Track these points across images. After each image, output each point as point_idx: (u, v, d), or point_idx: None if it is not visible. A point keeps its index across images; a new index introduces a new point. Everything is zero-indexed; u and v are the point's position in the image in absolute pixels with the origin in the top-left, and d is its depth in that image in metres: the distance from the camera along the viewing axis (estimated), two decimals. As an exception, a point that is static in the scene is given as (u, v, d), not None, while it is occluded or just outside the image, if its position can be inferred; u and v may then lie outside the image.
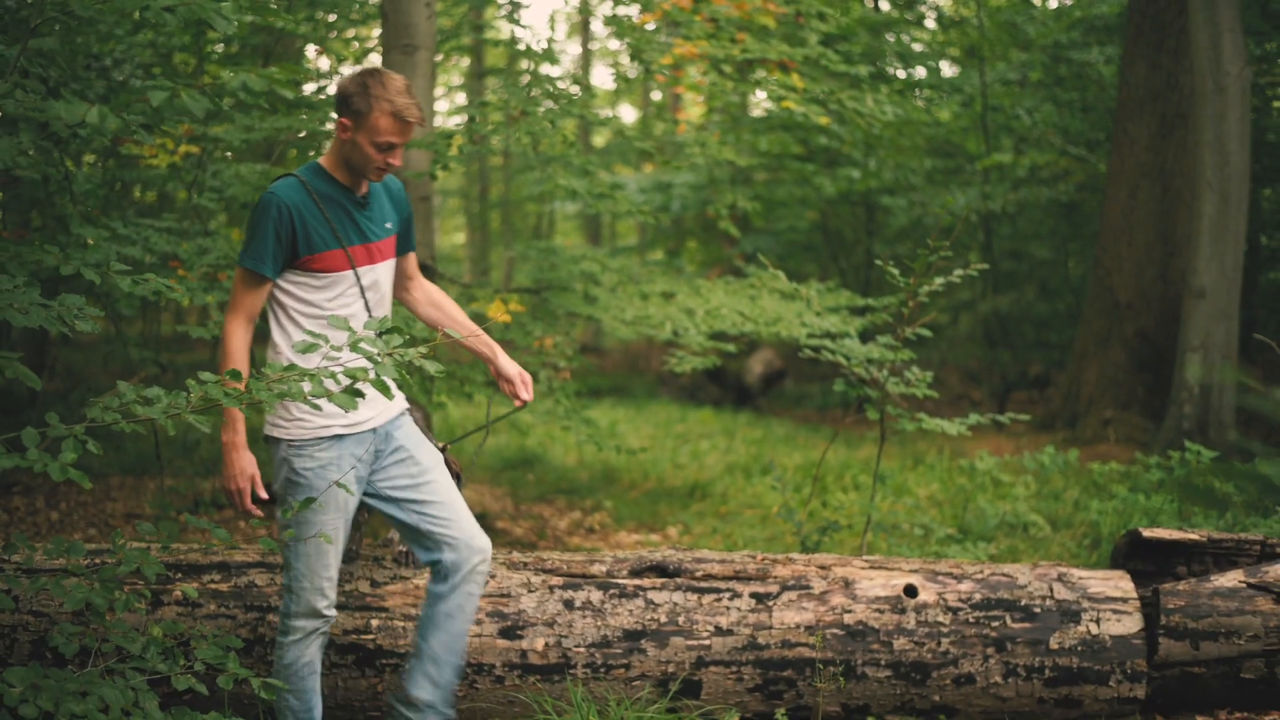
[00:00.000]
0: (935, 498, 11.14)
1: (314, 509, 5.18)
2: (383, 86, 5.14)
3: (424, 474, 5.43)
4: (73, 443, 4.00)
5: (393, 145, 5.18)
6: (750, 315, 10.51)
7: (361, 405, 5.20)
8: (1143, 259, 15.11)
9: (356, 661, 5.81)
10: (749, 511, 10.97)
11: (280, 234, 5.13)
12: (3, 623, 5.71)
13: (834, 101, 11.24)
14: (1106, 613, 6.03)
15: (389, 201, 5.50)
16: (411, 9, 10.28)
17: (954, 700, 5.98)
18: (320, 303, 5.25)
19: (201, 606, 5.82)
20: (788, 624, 5.97)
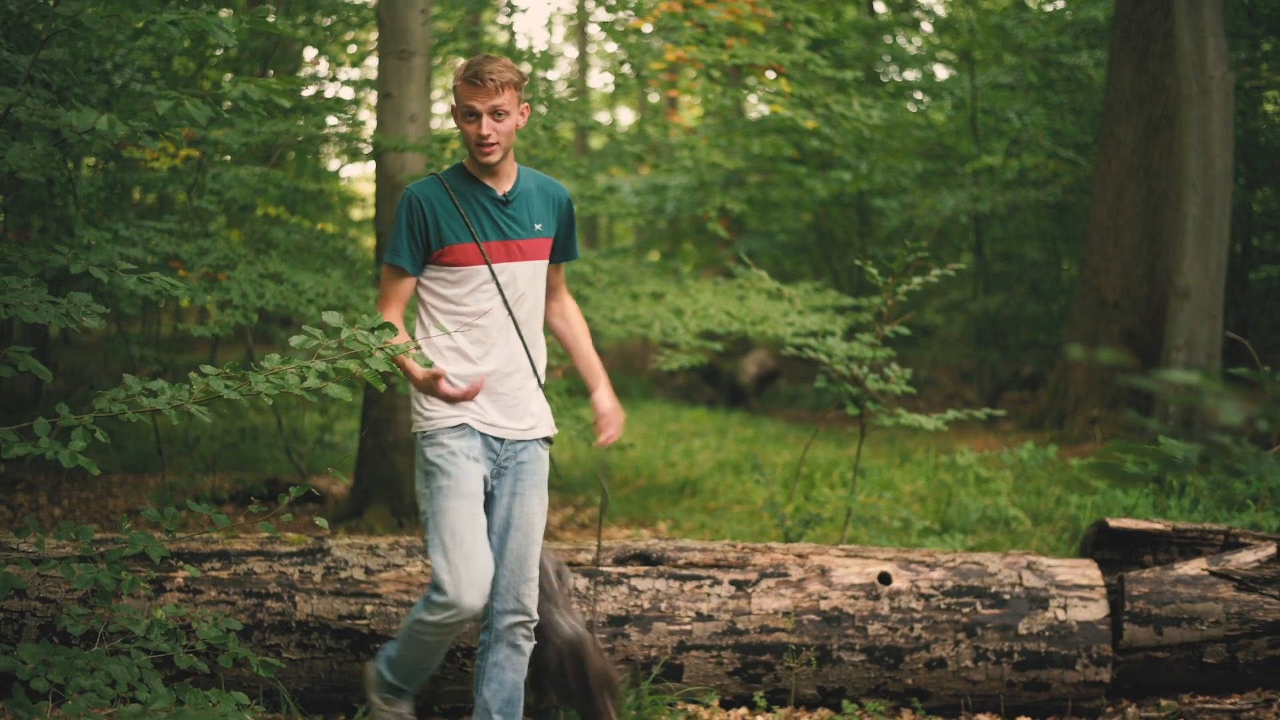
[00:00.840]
0: (919, 493, 11.37)
1: (445, 495, 5.15)
2: (469, 61, 5.16)
3: (515, 519, 5.32)
4: (82, 432, 4.23)
5: (475, 112, 5.09)
6: (737, 315, 10.75)
7: (492, 408, 5.22)
8: (1129, 259, 15.33)
9: (351, 646, 6.04)
10: (737, 507, 11.19)
11: (414, 227, 5.19)
12: (12, 608, 5.95)
13: (821, 105, 11.46)
14: (1074, 599, 6.26)
15: (544, 205, 5.41)
16: (407, 15, 10.49)
17: (926, 683, 6.21)
18: (455, 298, 5.25)
19: (202, 592, 6.06)
20: (766, 610, 6.20)
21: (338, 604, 6.07)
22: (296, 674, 6.02)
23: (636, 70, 11.49)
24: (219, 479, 12.45)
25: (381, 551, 6.27)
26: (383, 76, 10.63)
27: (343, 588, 6.11)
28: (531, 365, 5.35)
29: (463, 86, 5.11)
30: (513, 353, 5.28)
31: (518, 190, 5.33)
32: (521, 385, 5.32)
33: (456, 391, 5.03)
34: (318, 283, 9.20)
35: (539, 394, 5.42)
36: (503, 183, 5.31)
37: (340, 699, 6.11)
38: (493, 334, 5.24)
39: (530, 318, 5.35)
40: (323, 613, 6.05)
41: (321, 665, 6.04)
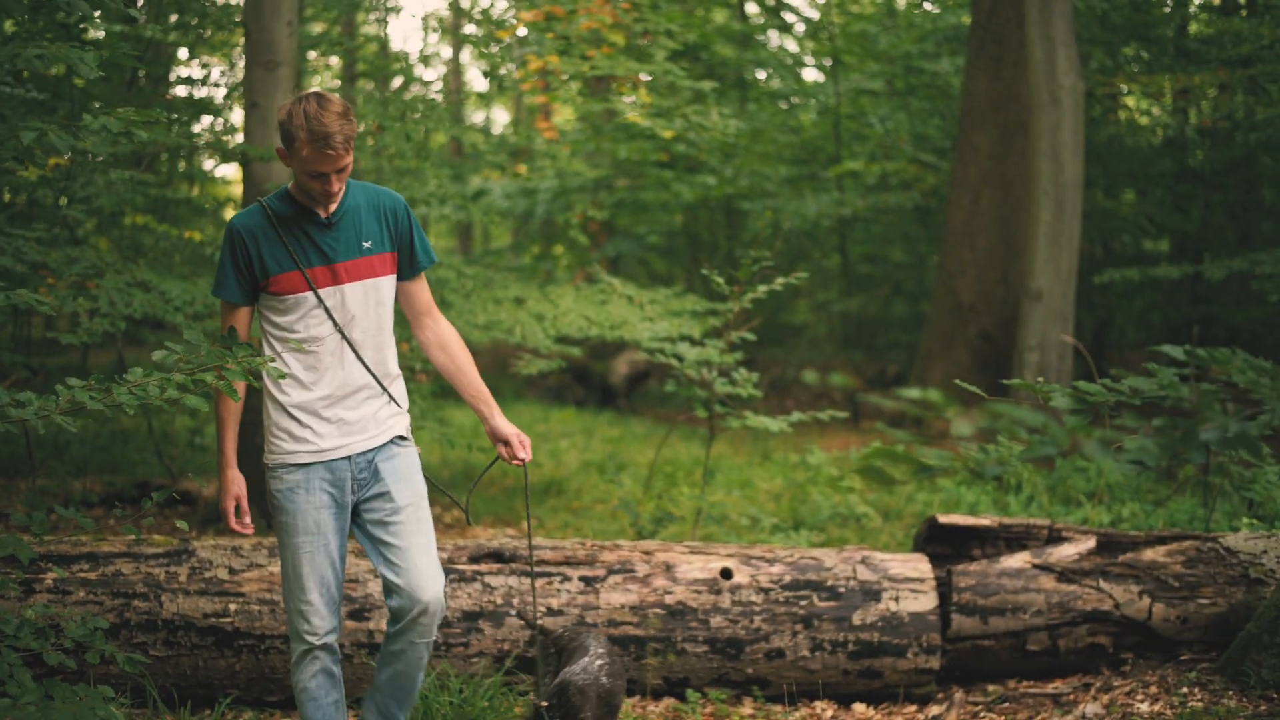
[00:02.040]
0: (775, 491, 11.71)
1: (286, 531, 5.17)
2: (305, 115, 4.90)
3: (394, 513, 5.22)
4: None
5: (322, 175, 4.93)
6: (596, 319, 11.04)
7: (331, 433, 5.15)
8: (985, 263, 15.78)
9: (215, 643, 6.29)
10: (600, 506, 11.47)
11: (238, 260, 5.11)
12: (-117, 610, 6.14)
13: (679, 115, 11.78)
14: (905, 591, 6.62)
15: (375, 220, 5.24)
16: (273, 26, 10.65)
17: (766, 672, 6.55)
18: (287, 325, 5.16)
19: (71, 593, 6.28)
20: (614, 604, 6.52)
21: (203, 603, 6.31)
22: (164, 670, 6.26)
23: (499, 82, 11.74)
24: (89, 482, 12.54)
25: (245, 552, 6.51)
26: (249, 86, 10.79)
27: (207, 587, 6.35)
28: (379, 384, 5.26)
29: (311, 153, 4.89)
30: (349, 375, 5.17)
31: (342, 210, 5.16)
32: (361, 404, 5.22)
33: (238, 526, 5.23)
34: (185, 290, 9.37)
35: (390, 406, 5.31)
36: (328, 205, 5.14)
37: (205, 694, 6.35)
38: (325, 359, 5.16)
39: (369, 336, 5.23)
40: (188, 611, 6.30)
41: (187, 662, 6.28)
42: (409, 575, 5.16)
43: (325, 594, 5.20)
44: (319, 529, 5.18)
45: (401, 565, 5.18)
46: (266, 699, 6.38)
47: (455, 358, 5.50)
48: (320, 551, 5.19)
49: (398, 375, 5.42)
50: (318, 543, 5.18)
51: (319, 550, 5.19)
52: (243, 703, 6.35)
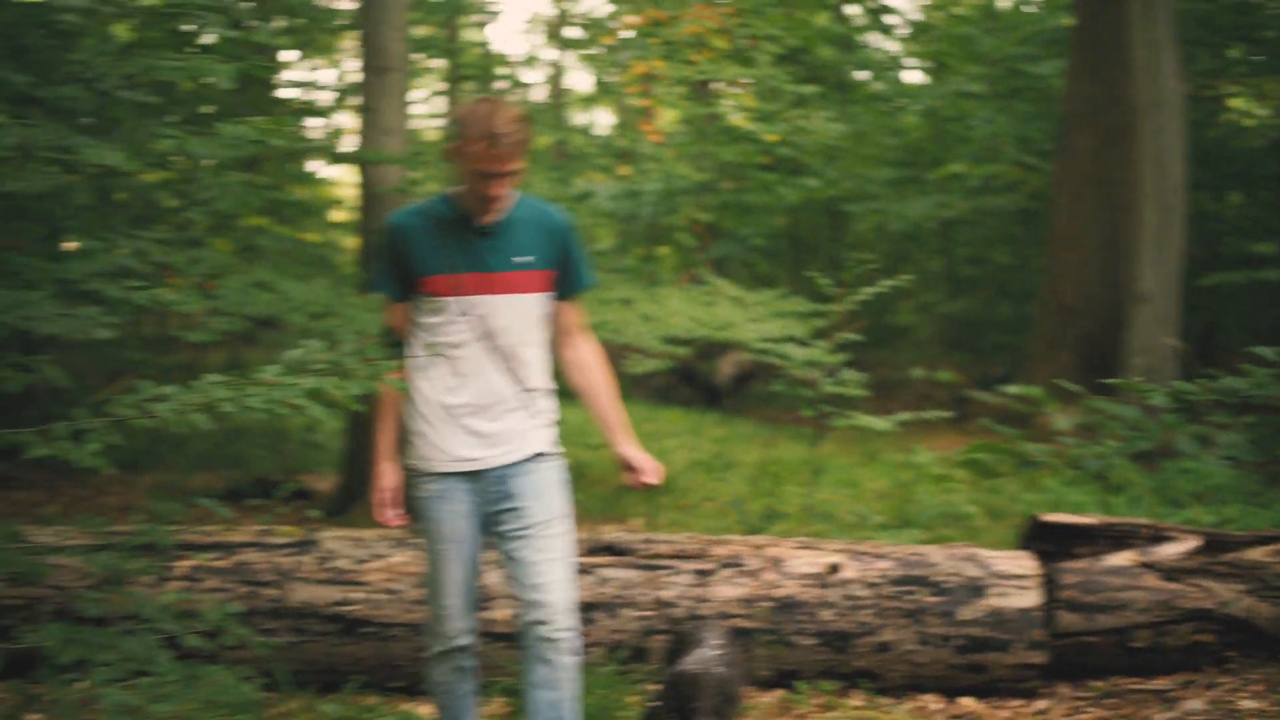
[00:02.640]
0: (882, 491, 11.83)
1: (428, 537, 5.21)
2: (479, 116, 4.91)
3: (527, 530, 5.13)
4: (98, 434, 4.69)
5: (490, 174, 4.90)
6: (703, 321, 11.20)
7: (470, 443, 5.12)
8: (1088, 265, 15.78)
9: (340, 630, 6.51)
10: (708, 504, 11.63)
11: (394, 254, 5.13)
12: (27, 594, 6.41)
13: (782, 119, 11.92)
14: (1010, 588, 6.73)
15: (536, 235, 5.16)
16: (385, 32, 10.92)
17: (874, 665, 6.68)
18: (430, 327, 5.13)
19: (202, 580, 6.53)
20: (724, 597, 6.68)
21: (328, 591, 6.55)
22: (290, 656, 6.49)
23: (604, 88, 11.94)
24: (209, 476, 12.88)
25: (368, 543, 6.75)
26: (364, 92, 11.07)
27: (332, 576, 6.59)
28: (519, 398, 5.17)
29: (482, 149, 4.87)
30: (490, 386, 5.12)
31: (504, 220, 5.11)
32: (500, 417, 5.14)
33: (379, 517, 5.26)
34: (304, 290, 9.64)
35: (528, 421, 5.19)
36: (488, 211, 5.08)
37: (330, 679, 6.58)
38: (467, 366, 5.12)
39: (514, 352, 5.14)
40: (314, 600, 6.53)
41: (313, 648, 6.51)
42: (538, 593, 5.09)
43: (464, 598, 5.21)
44: (456, 536, 5.17)
45: (531, 584, 5.11)
46: (390, 684, 6.60)
47: (592, 380, 5.40)
48: (458, 558, 5.18)
49: (546, 390, 5.28)
50: (456, 550, 5.18)
51: (457, 557, 5.18)
52: (366, 687, 6.56)
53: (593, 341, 5.48)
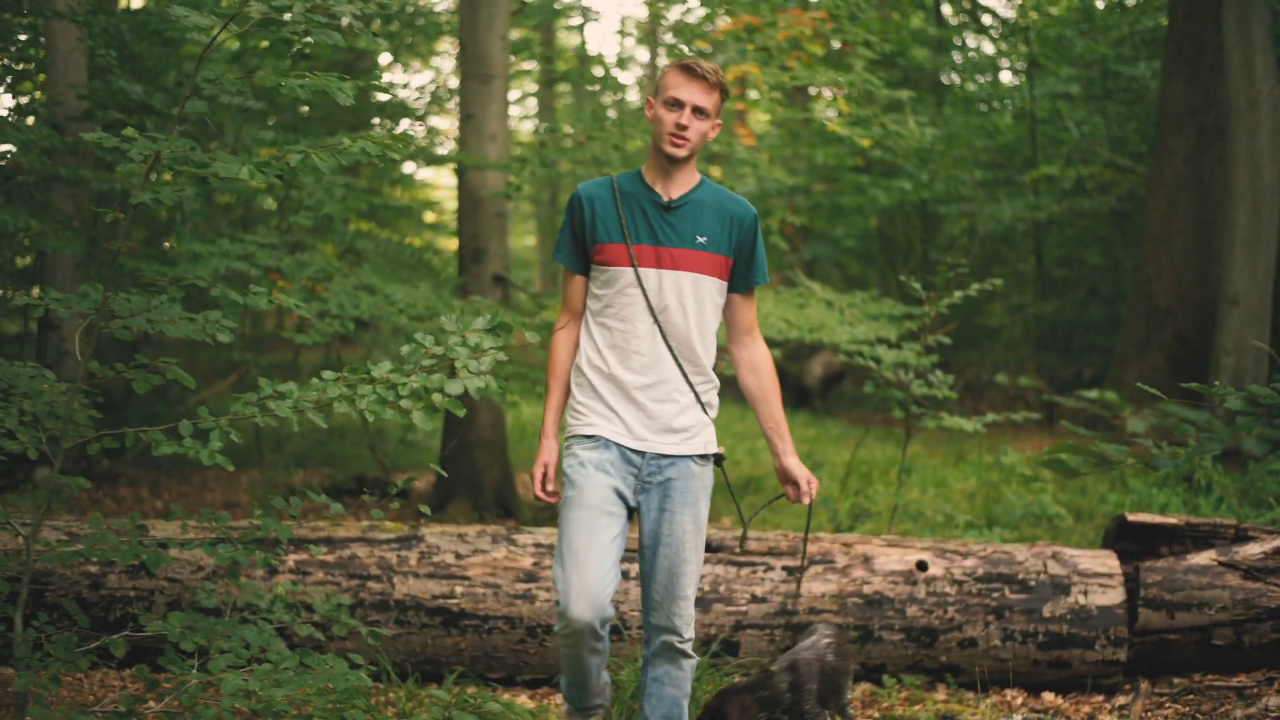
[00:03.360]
0: (969, 490, 11.97)
1: (569, 505, 5.06)
2: (681, 58, 5.06)
3: (664, 536, 5.13)
4: (219, 433, 4.96)
5: (680, 102, 4.97)
6: (795, 323, 11.37)
7: (634, 419, 5.09)
8: (1181, 266, 15.81)
9: (443, 622, 6.77)
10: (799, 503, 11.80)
11: (575, 223, 5.18)
12: (143, 586, 6.71)
13: (877, 124, 12.08)
14: (1094, 586, 6.89)
15: (718, 220, 5.16)
16: (488, 40, 11.19)
17: (959, 660, 6.86)
18: (605, 298, 5.15)
19: (310, 574, 6.80)
20: (814, 593, 6.88)
21: (431, 585, 6.81)
22: (395, 647, 6.76)
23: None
24: (309, 474, 13.19)
25: (470, 539, 7.00)
26: (464, 98, 11.34)
27: (435, 570, 6.85)
28: (686, 380, 5.14)
29: (674, 74, 5.01)
30: (657, 363, 5.09)
31: (687, 199, 5.14)
32: (667, 398, 5.11)
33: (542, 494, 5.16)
34: (407, 293, 9.91)
35: (694, 409, 5.16)
36: (673, 189, 5.14)
37: (432, 669, 6.84)
38: (634, 341, 5.10)
39: (684, 332, 5.11)
40: (418, 593, 6.79)
41: (416, 639, 6.77)
42: (664, 602, 5.15)
43: (600, 576, 4.95)
44: (601, 507, 5.03)
45: (663, 590, 5.16)
46: (489, 675, 6.84)
47: (763, 383, 5.36)
48: (603, 529, 5.01)
49: (711, 381, 5.25)
50: (599, 521, 5.01)
51: (602, 527, 5.01)
52: (466, 678, 6.81)
53: (764, 344, 5.47)
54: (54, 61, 12.73)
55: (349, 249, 11.84)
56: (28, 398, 5.38)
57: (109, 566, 6.76)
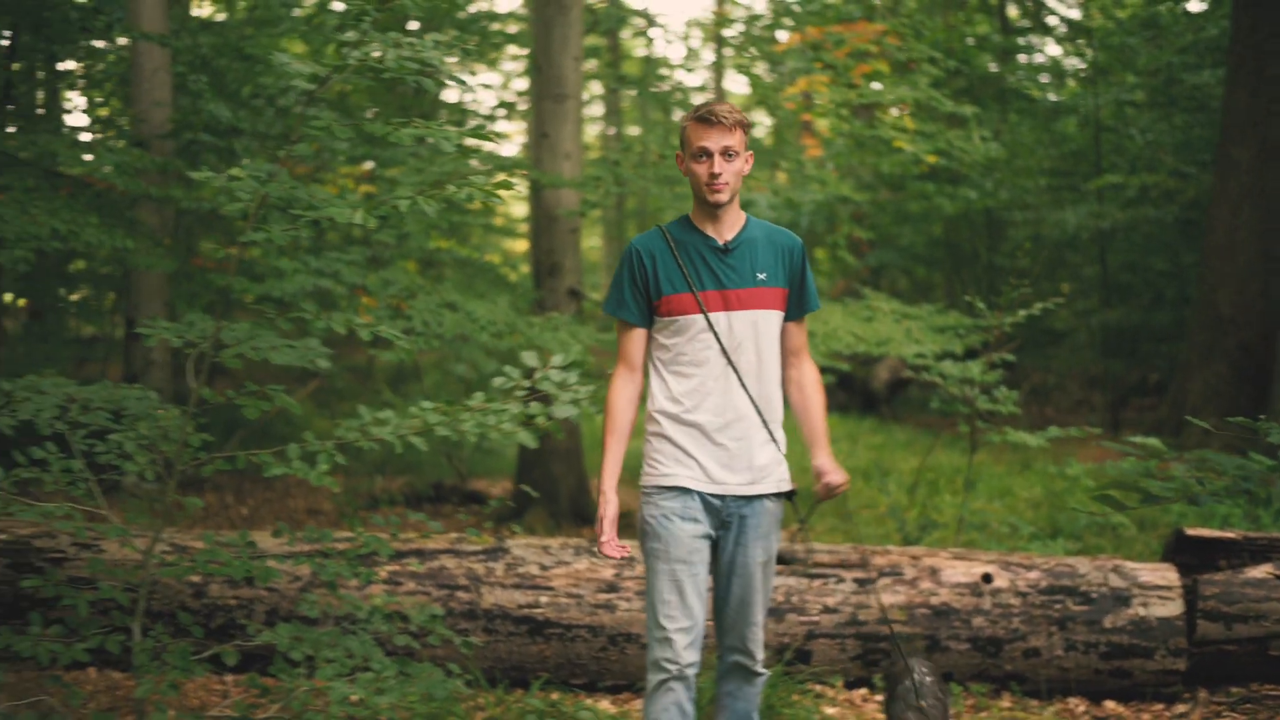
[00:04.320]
0: (1035, 500, 12.21)
1: (656, 557, 5.16)
2: (696, 106, 5.16)
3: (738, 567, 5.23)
4: (325, 455, 5.30)
5: (706, 151, 5.06)
6: (863, 336, 11.61)
7: (711, 463, 5.14)
8: (1245, 276, 15.91)
9: (528, 631, 7.09)
10: (866, 511, 12.09)
11: (635, 278, 5.23)
12: (243, 596, 7.06)
13: (942, 141, 12.32)
14: (1153, 598, 7.14)
15: (771, 254, 5.25)
16: (562, 61, 11.51)
17: (1023, 669, 7.13)
18: (675, 347, 5.23)
19: (402, 584, 7.14)
20: (884, 604, 7.16)
21: (517, 595, 7.13)
22: (481, 654, 7.08)
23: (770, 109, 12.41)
24: (388, 481, 13.56)
25: (553, 551, 7.32)
26: (539, 118, 11.66)
27: (521, 581, 7.17)
28: (760, 417, 5.21)
29: (694, 126, 5.09)
30: (732, 403, 5.17)
31: (740, 239, 5.21)
32: (743, 436, 5.18)
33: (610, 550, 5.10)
34: (488, 310, 10.23)
35: (769, 446, 5.24)
36: (725, 231, 5.20)
37: (517, 676, 7.16)
38: (709, 384, 5.17)
39: (755, 368, 5.21)
40: (504, 602, 7.12)
41: (503, 647, 7.10)
42: (736, 626, 5.27)
43: (691, 624, 5.12)
44: (690, 558, 5.15)
45: (739, 620, 5.26)
46: (572, 682, 7.16)
47: (809, 399, 5.39)
48: (690, 581, 5.14)
49: (779, 414, 5.32)
50: (687, 572, 5.14)
51: (689, 580, 5.14)
52: (551, 684, 7.12)
53: (813, 364, 5.52)
54: (139, 80, 13.14)
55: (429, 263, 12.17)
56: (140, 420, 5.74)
57: (210, 577, 7.11)
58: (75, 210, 10.09)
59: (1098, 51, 21.12)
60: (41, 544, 7.28)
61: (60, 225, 9.57)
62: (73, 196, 11.53)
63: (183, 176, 12.32)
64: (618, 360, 5.36)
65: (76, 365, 19.33)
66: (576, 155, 11.48)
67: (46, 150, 10.63)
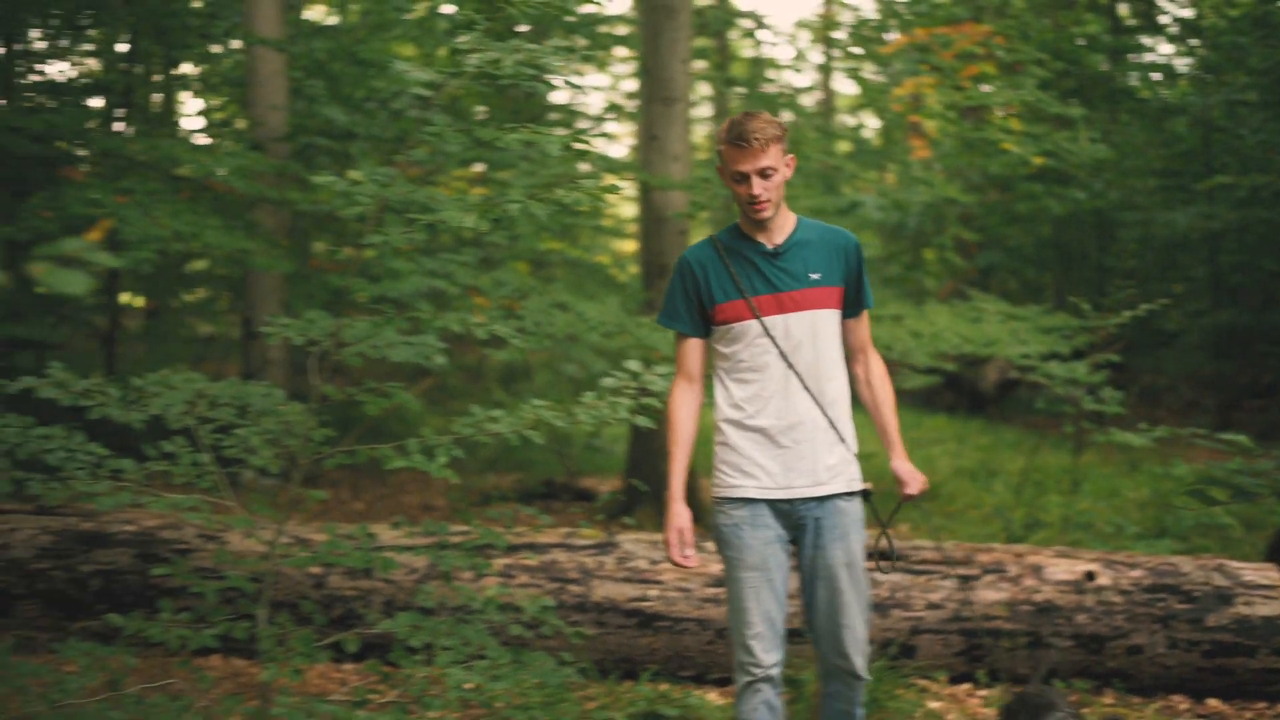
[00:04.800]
0: (1141, 500, 12.22)
1: (733, 566, 5.23)
2: (730, 122, 5.14)
3: (820, 572, 5.24)
4: (445, 449, 5.49)
5: (743, 174, 5.07)
6: (970, 337, 11.71)
7: (777, 470, 5.19)
8: (1357, 277, 15.87)
9: (637, 624, 7.26)
10: (972, 511, 12.14)
11: (687, 290, 5.29)
12: (361, 587, 7.29)
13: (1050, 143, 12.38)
14: (1257, 597, 7.20)
15: (825, 254, 5.27)
16: (670, 65, 11.65)
17: (1125, 666, 7.20)
18: (733, 355, 5.26)
19: (514, 577, 7.34)
20: (987, 600, 7.27)
21: (627, 589, 7.31)
22: (592, 646, 7.26)
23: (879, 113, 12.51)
24: (500, 477, 13.78)
25: (662, 546, 7.48)
26: (648, 120, 11.81)
27: (631, 575, 7.35)
28: (825, 417, 5.22)
29: (729, 150, 5.09)
30: (794, 405, 5.19)
31: (791, 241, 5.24)
32: (808, 438, 5.20)
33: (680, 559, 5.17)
34: (598, 310, 10.41)
35: (838, 446, 5.25)
36: (775, 235, 5.23)
37: (627, 668, 7.34)
38: (770, 387, 5.19)
39: (814, 369, 5.23)
40: (614, 595, 7.30)
41: (613, 639, 7.28)
42: (829, 630, 5.25)
43: (770, 628, 5.21)
44: (764, 564, 5.20)
45: (830, 625, 5.25)
46: (680, 674, 7.32)
47: (877, 395, 5.44)
48: (765, 587, 5.20)
49: (846, 412, 5.32)
50: (763, 578, 5.20)
51: (764, 586, 5.20)
52: (660, 676, 7.29)
53: (879, 358, 5.54)
54: (255, 84, 13.44)
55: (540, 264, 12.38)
56: (265, 415, 5.97)
57: (330, 568, 7.34)
58: (197, 213, 10.37)
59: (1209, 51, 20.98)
60: (167, 535, 7.57)
61: (183, 227, 9.86)
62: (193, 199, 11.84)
63: (299, 179, 12.61)
64: (676, 372, 5.45)
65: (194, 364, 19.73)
66: (685, 157, 11.62)
67: (167, 154, 10.92)
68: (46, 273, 2.35)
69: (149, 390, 5.87)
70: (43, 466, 5.58)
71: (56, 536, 7.57)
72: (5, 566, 7.47)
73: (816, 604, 5.26)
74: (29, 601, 7.47)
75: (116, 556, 7.49)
